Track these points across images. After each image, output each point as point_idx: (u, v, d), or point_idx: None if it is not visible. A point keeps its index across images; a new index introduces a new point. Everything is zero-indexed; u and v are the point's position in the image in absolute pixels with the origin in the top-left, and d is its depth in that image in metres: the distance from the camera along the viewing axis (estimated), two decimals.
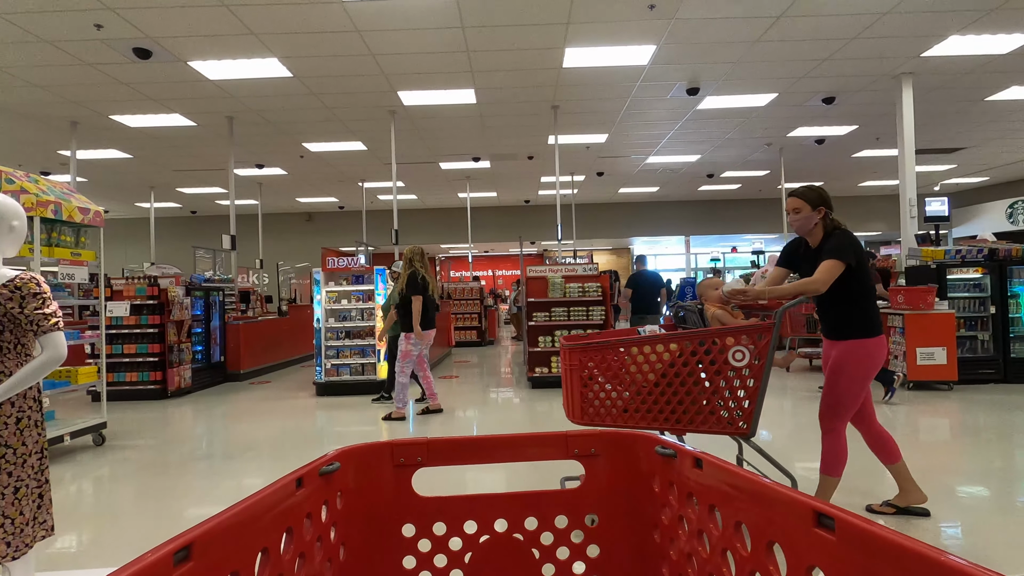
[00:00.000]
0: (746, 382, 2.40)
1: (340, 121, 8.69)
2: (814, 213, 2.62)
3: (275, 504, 0.86)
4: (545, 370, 6.50)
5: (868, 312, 2.57)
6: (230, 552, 0.75)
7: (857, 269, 2.52)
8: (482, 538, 1.09)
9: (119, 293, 6.37)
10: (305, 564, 0.92)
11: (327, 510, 1.00)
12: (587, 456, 1.12)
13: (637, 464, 1.10)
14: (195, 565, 0.69)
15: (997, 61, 6.99)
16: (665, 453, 1.03)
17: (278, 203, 15.59)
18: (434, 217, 17.02)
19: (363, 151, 10.36)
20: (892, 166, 12.88)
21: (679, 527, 0.99)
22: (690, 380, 2.43)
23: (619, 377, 2.51)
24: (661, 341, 2.48)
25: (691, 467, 0.96)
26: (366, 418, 5.64)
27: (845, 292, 2.55)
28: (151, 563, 0.62)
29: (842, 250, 2.48)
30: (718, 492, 0.89)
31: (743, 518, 0.83)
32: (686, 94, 7.84)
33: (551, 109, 8.37)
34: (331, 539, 1.01)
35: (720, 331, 2.43)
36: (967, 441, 4.20)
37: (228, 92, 7.32)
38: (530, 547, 1.10)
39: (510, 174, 12.79)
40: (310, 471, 0.97)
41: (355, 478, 1.08)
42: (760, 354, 2.38)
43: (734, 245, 21.20)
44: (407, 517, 1.09)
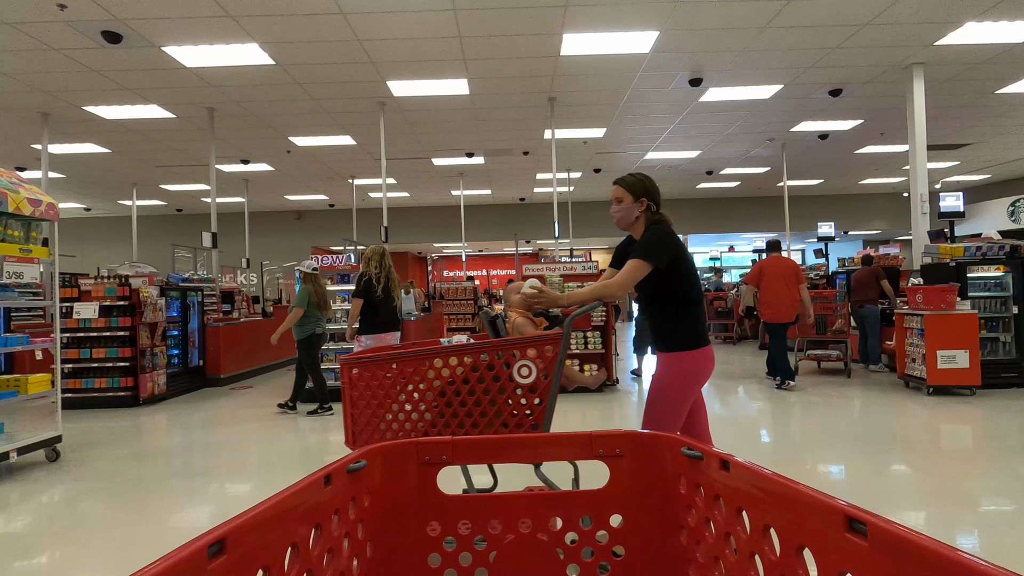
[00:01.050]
0: (532, 401, 2.11)
1: (328, 113, 8.31)
2: (635, 205, 2.30)
3: (304, 500, 0.87)
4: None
5: (688, 322, 2.23)
6: (261, 546, 0.76)
7: (671, 272, 2.20)
8: (506, 537, 1.09)
9: (87, 294, 5.97)
10: (333, 560, 0.93)
11: (354, 507, 1.01)
12: (612, 457, 1.11)
13: (662, 465, 1.09)
14: (228, 559, 0.70)
15: (1011, 51, 6.70)
16: (691, 454, 1.02)
17: (266, 201, 15.17)
18: (427, 215, 16.66)
19: (352, 146, 9.99)
20: (895, 163, 12.64)
21: (705, 529, 0.98)
22: (471, 400, 2.16)
23: (392, 397, 2.24)
24: (441, 355, 2.19)
25: (718, 469, 0.94)
26: None
27: (661, 298, 2.24)
28: (187, 556, 0.63)
29: (648, 248, 2.16)
30: (745, 494, 0.87)
31: (771, 521, 0.81)
32: (688, 85, 7.51)
33: (548, 101, 8.03)
34: (358, 536, 1.02)
35: (504, 342, 2.14)
36: (993, 450, 3.89)
37: (207, 81, 6.93)
38: (554, 547, 1.09)
39: (505, 171, 12.44)
40: (338, 468, 0.97)
41: (381, 476, 1.09)
42: (548, 369, 2.08)
43: (732, 244, 20.96)
44: (432, 515, 1.10)
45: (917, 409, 5.08)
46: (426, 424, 2.26)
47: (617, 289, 2.14)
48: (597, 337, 6.13)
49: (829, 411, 5.22)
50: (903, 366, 5.74)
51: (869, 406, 5.32)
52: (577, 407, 5.68)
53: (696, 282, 2.29)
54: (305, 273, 5.58)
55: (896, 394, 5.63)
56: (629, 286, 2.15)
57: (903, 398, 5.47)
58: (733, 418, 5.09)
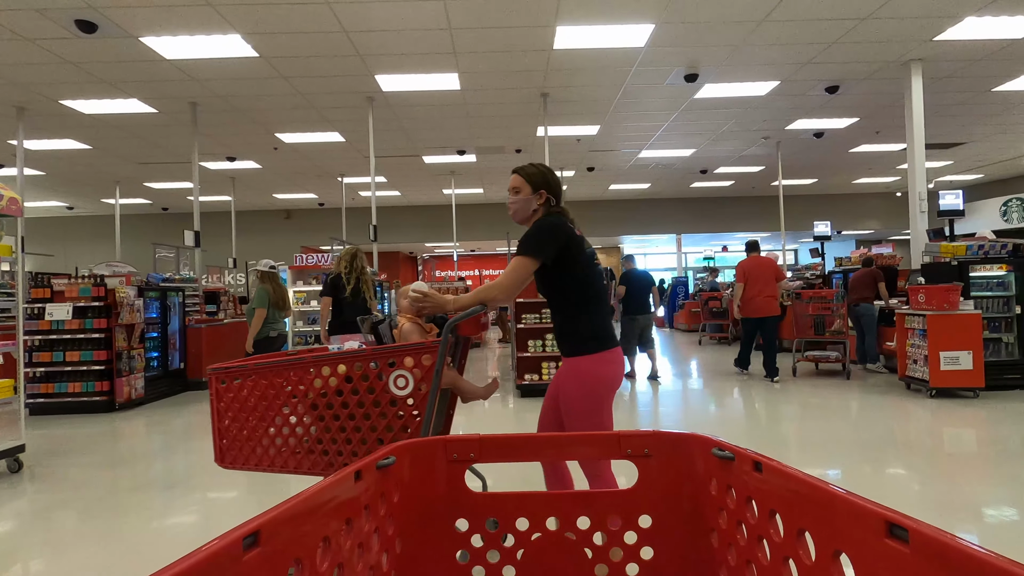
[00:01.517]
0: (411, 414, 1.96)
1: (315, 109, 8.09)
2: (534, 197, 2.11)
3: (335, 495, 0.88)
4: (535, 377, 5.96)
5: (585, 323, 2.00)
6: (294, 539, 0.77)
7: (561, 268, 1.98)
8: (534, 535, 1.09)
9: (60, 294, 5.73)
10: (363, 554, 0.95)
11: (384, 503, 1.03)
12: (640, 456, 1.11)
13: (693, 466, 1.08)
14: (262, 551, 0.71)
15: (1011, 47, 6.61)
16: (722, 455, 1.01)
17: (254, 200, 14.90)
18: (418, 215, 16.45)
19: (341, 143, 9.77)
20: (889, 162, 12.59)
21: (737, 532, 0.96)
22: (344, 413, 2.01)
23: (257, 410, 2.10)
24: (314, 365, 2.04)
25: (750, 470, 0.93)
26: None
27: (556, 298, 2.04)
28: (223, 547, 0.64)
29: (530, 243, 1.94)
30: (779, 497, 0.86)
31: (806, 525, 0.80)
32: (684, 81, 7.37)
33: (540, 97, 7.86)
34: (388, 531, 1.03)
35: (378, 351, 1.99)
36: (1002, 455, 3.75)
37: (188, 74, 6.70)
38: (582, 547, 1.09)
39: (497, 169, 12.26)
40: (367, 464, 0.99)
41: (410, 472, 1.10)
42: (425, 380, 1.92)
43: (725, 244, 20.89)
44: (460, 512, 1.10)
45: (920, 412, 4.95)
46: (311, 439, 2.10)
47: (499, 292, 1.91)
48: None
49: (830, 414, 5.07)
50: (904, 367, 5.61)
51: (871, 409, 5.18)
52: None
53: (595, 278, 2.05)
54: (262, 272, 5.31)
55: (897, 396, 5.50)
56: (513, 287, 1.91)
57: (905, 400, 5.34)
58: (730, 420, 4.93)
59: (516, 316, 6.05)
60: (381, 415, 2.00)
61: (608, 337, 2.02)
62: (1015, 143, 11.50)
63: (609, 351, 2.01)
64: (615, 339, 2.05)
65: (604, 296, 2.09)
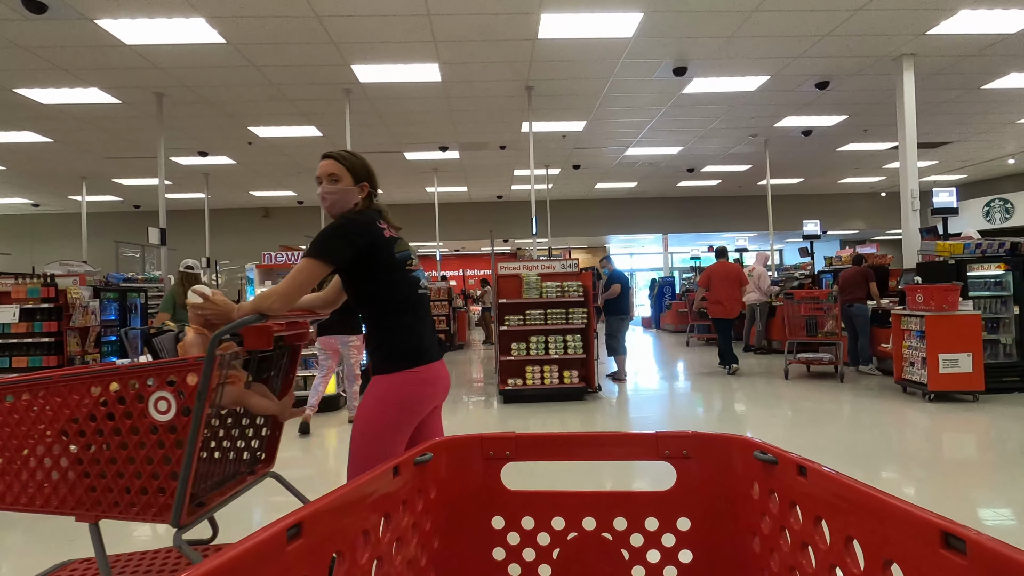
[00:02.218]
0: (172, 444, 1.67)
1: (289, 101, 7.74)
2: (355, 189, 1.84)
3: (374, 489, 0.89)
4: (519, 382, 5.68)
5: (392, 335, 1.74)
6: (335, 532, 0.79)
7: (360, 271, 1.72)
8: (570, 535, 1.08)
9: (6, 295, 5.32)
10: (401, 549, 0.95)
11: (421, 498, 1.03)
12: (678, 458, 1.09)
13: (733, 469, 1.05)
14: (305, 542, 0.72)
15: (1003, 43, 6.49)
16: (765, 459, 0.96)
17: (231, 197, 14.44)
18: (401, 213, 15.86)
19: (318, 137, 9.40)
20: (876, 161, 12.54)
21: (780, 537, 0.93)
22: (99, 442, 1.71)
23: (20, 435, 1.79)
24: (75, 383, 1.73)
25: (794, 475, 0.89)
26: (307, 442, 4.75)
27: (361, 306, 1.79)
28: (268, 537, 0.66)
29: (318, 243, 1.67)
30: (825, 503, 0.82)
31: (855, 533, 0.76)
32: (672, 75, 7.14)
33: (525, 90, 7.58)
34: (425, 527, 1.04)
35: (135, 368, 1.69)
36: (1012, 463, 3.56)
37: (152, 62, 6.31)
38: (619, 548, 1.08)
39: (481, 166, 11.97)
40: (405, 460, 0.99)
41: (447, 469, 1.10)
42: (188, 402, 1.63)
43: (711, 244, 20.82)
44: (496, 509, 1.11)
45: (920, 417, 4.76)
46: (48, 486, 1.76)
47: (275, 300, 1.61)
48: (577, 340, 5.69)
49: (825, 419, 4.87)
50: (900, 370, 5.42)
51: (867, 413, 4.99)
52: (555, 417, 5.25)
53: (404, 283, 1.77)
54: (181, 273, 4.98)
55: (894, 400, 5.31)
56: (292, 293, 1.62)
57: (902, 405, 5.15)
58: (718, 426, 4.71)
59: (499, 318, 5.76)
60: (139, 444, 1.67)
61: (420, 353, 1.74)
62: (999, 143, 11.51)
63: (417, 369, 1.72)
64: (430, 355, 1.77)
65: (419, 306, 1.81)
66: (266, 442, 2.10)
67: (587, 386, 5.73)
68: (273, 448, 2.12)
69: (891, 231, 17.91)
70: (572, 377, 5.63)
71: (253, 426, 2.06)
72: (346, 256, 1.68)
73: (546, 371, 5.59)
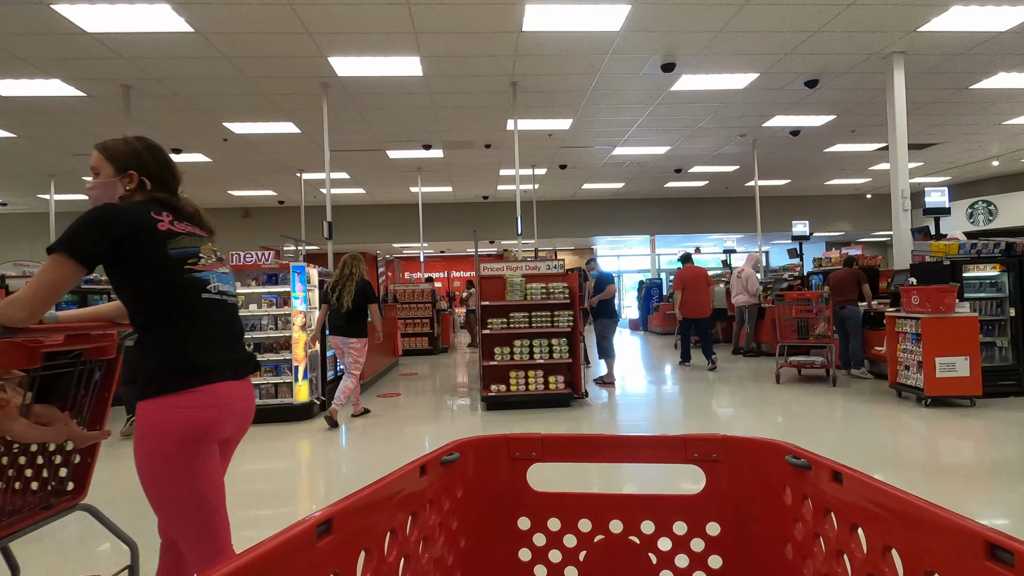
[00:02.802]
0: None
1: (264, 96, 7.44)
2: (119, 180, 1.55)
3: (402, 488, 0.89)
4: (503, 387, 5.44)
5: (159, 349, 1.43)
6: (363, 529, 0.79)
7: (121, 271, 1.43)
8: (597, 537, 1.07)
9: None
10: (427, 548, 0.96)
11: (448, 498, 1.03)
12: (707, 461, 1.07)
13: (765, 473, 1.02)
14: (334, 538, 0.73)
15: (995, 40, 6.40)
16: (798, 464, 0.94)
17: (208, 196, 14.03)
18: (385, 213, 15.80)
19: (297, 135, 9.10)
20: (863, 162, 12.52)
21: (814, 545, 0.90)
22: None
23: None
24: None
25: (829, 480, 0.87)
26: (284, 450, 4.47)
27: (129, 312, 1.50)
28: (298, 533, 0.67)
29: (64, 237, 1.37)
30: (862, 510, 0.80)
31: (893, 542, 0.74)
32: (660, 71, 6.97)
33: (510, 86, 7.37)
34: (452, 526, 1.04)
35: None
36: (1001, 469, 3.40)
37: (116, 51, 5.99)
38: (647, 551, 1.06)
39: (466, 166, 11.73)
40: (432, 459, 0.99)
41: (474, 469, 1.10)
42: None
43: (698, 246, 20.77)
44: (522, 510, 1.10)
45: (916, 423, 4.60)
46: None
47: (16, 308, 1.33)
48: (563, 344, 5.47)
49: (820, 424, 4.70)
50: (895, 374, 5.27)
51: (863, 419, 4.83)
52: (541, 425, 5.02)
53: (179, 285, 1.46)
54: None
55: (889, 405, 5.16)
56: (39, 299, 1.34)
57: (898, 410, 4.99)
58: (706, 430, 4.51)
59: (481, 320, 5.52)
60: None
61: (194, 370, 1.42)
62: (984, 145, 11.53)
63: (187, 392, 1.40)
64: (212, 373, 1.45)
65: (201, 314, 1.49)
66: (75, 470, 1.79)
67: (573, 392, 5.50)
68: (84, 477, 1.80)
69: (876, 233, 17.98)
70: (558, 383, 5.40)
71: (57, 452, 1.76)
72: (101, 250, 1.38)
73: (531, 376, 5.36)
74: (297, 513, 3.28)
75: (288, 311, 5.14)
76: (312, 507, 3.34)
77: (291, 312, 5.11)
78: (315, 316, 5.47)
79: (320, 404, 5.53)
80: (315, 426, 5.16)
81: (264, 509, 3.32)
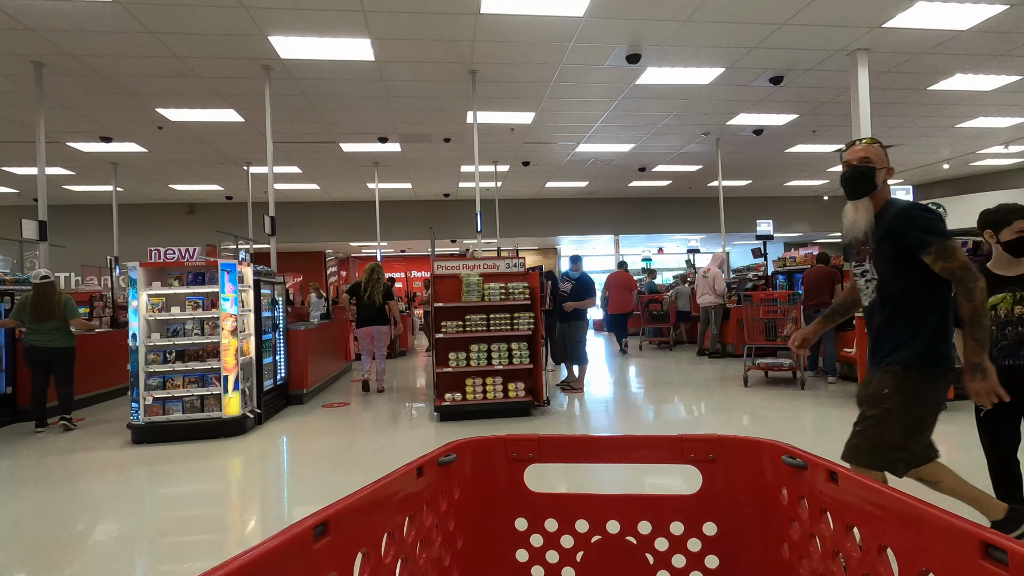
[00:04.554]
0: None
1: (200, 78, 6.81)
2: None
3: (399, 489, 0.89)
4: (459, 396, 5.02)
5: None
6: (361, 531, 0.79)
7: None
8: (594, 538, 1.07)
9: None
10: (425, 549, 0.95)
11: (445, 499, 1.03)
12: (704, 462, 1.07)
13: (761, 473, 1.02)
14: (331, 540, 0.73)
15: (957, 39, 6.39)
16: (794, 464, 0.95)
17: (148, 191, 13.11)
18: (342, 211, 15.15)
19: (240, 123, 8.47)
20: (822, 163, 12.65)
21: (810, 544, 0.91)
22: None
23: None
24: None
25: (824, 480, 0.88)
26: (210, 471, 3.93)
27: None
28: (295, 535, 0.67)
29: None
30: (857, 510, 0.81)
31: (889, 542, 0.75)
32: (625, 62, 6.70)
33: (468, 75, 6.96)
34: (449, 527, 1.04)
35: None
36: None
37: (23, 22, 5.31)
38: (644, 552, 1.06)
39: (425, 161, 11.25)
40: (429, 461, 0.99)
41: (471, 470, 1.10)
42: None
43: (660, 246, 20.79)
44: (520, 511, 1.09)
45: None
46: None
47: None
48: (523, 348, 5.09)
49: (792, 431, 4.48)
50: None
51: (833, 424, 4.64)
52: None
53: None
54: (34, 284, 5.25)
55: None
56: None
57: None
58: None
59: (435, 322, 5.09)
60: None
61: None
62: (936, 148, 11.79)
63: None
64: None
65: None
66: None
67: (534, 400, 5.13)
68: None
69: (832, 234, 18.38)
70: (518, 390, 5.01)
71: None
72: None
73: (489, 384, 4.97)
74: (226, 541, 2.81)
75: (216, 314, 4.57)
76: (244, 533, 2.87)
77: (220, 315, 4.54)
78: (250, 319, 4.97)
79: (256, 417, 4.98)
80: (248, 442, 4.62)
81: (192, 535, 2.84)
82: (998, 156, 12.70)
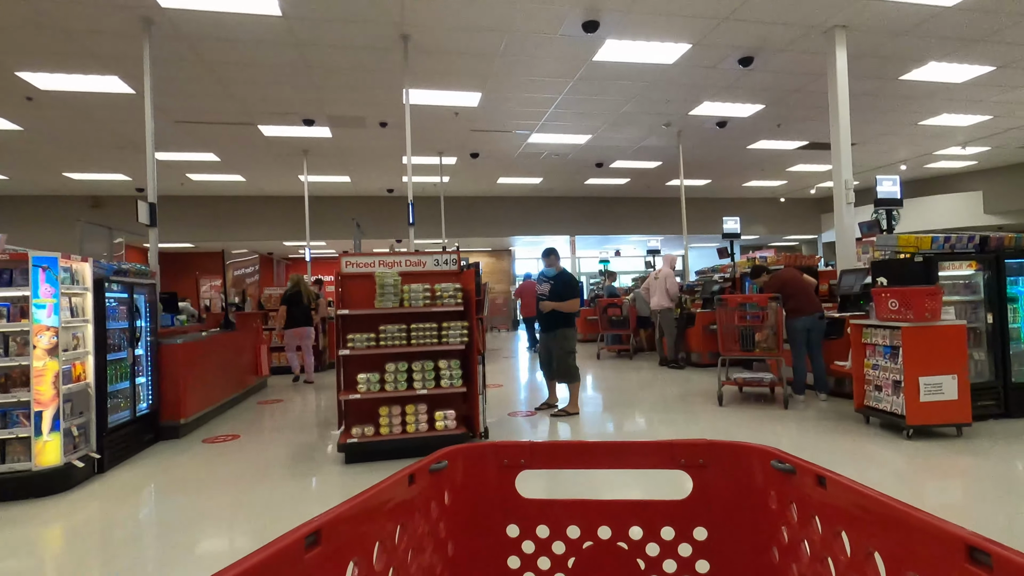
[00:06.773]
0: None
1: (66, 34, 5.51)
2: None
3: (390, 497, 0.89)
4: (370, 430, 3.92)
5: None
6: (352, 539, 0.78)
7: None
8: (585, 544, 1.08)
9: None
10: (416, 557, 0.94)
11: (436, 506, 1.02)
12: (695, 467, 1.07)
13: (751, 478, 1.02)
14: (323, 549, 0.71)
15: (938, 18, 5.81)
16: (783, 468, 0.95)
17: (41, 180, 11.45)
18: (272, 207, 13.79)
19: (129, 96, 7.12)
20: (782, 162, 12.23)
21: (800, 549, 0.90)
22: None
23: None
24: None
25: (813, 485, 0.87)
26: (9, 546, 2.73)
27: None
28: (287, 545, 0.66)
29: None
30: (846, 514, 0.80)
31: (876, 546, 0.74)
32: (582, 30, 5.82)
33: (400, 40, 5.92)
34: (440, 534, 1.03)
35: None
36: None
37: None
38: (635, 557, 1.07)
39: (363, 150, 10.10)
40: (421, 468, 0.98)
41: (463, 477, 1.09)
42: None
43: (617, 249, 20.19)
44: (511, 518, 1.10)
45: (907, 465, 3.60)
46: None
47: None
48: (454, 367, 4.03)
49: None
50: (862, 395, 4.33)
51: (833, 456, 3.83)
52: None
53: None
54: None
55: (862, 437, 4.09)
56: None
57: (876, 445, 3.91)
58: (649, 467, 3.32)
59: (339, 335, 3.99)
60: None
61: None
62: (894, 148, 11.53)
63: None
64: None
65: None
66: None
67: (469, 431, 4.09)
68: None
69: (788, 236, 18.21)
70: (447, 420, 3.96)
71: None
72: None
73: (409, 413, 3.91)
74: None
75: (27, 327, 3.32)
76: None
77: (30, 329, 3.29)
78: (87, 332, 3.73)
79: (91, 465, 3.70)
80: (71, 504, 3.34)
81: None
82: (952, 159, 12.59)
